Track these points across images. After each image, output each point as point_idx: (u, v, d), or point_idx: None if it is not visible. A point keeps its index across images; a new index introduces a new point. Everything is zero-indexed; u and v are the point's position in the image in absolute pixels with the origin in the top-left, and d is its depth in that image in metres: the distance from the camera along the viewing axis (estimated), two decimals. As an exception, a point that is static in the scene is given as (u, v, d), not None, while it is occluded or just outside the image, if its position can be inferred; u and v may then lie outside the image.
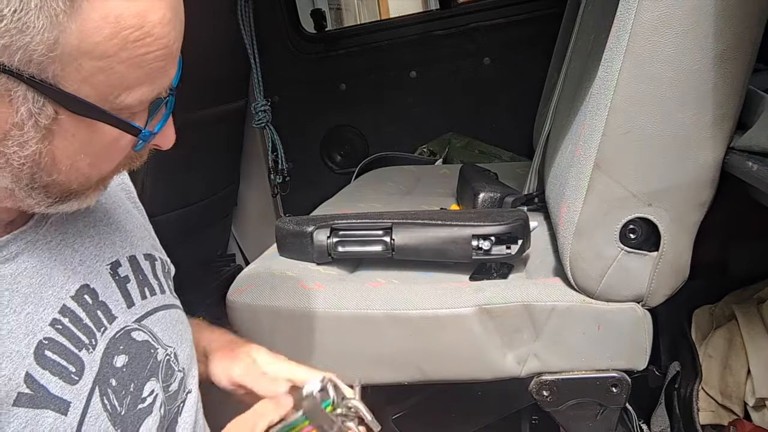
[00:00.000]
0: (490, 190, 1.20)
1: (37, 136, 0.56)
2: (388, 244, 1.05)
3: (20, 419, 0.59)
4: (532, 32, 2.08)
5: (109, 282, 0.73)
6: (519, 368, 0.96)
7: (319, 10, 2.43)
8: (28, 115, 0.55)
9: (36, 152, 0.57)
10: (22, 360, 0.61)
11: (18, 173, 0.58)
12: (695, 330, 1.31)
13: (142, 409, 0.72)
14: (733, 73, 0.80)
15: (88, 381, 0.66)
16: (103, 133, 0.60)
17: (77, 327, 0.67)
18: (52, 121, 0.56)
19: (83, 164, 0.61)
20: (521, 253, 1.02)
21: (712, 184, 0.86)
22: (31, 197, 0.61)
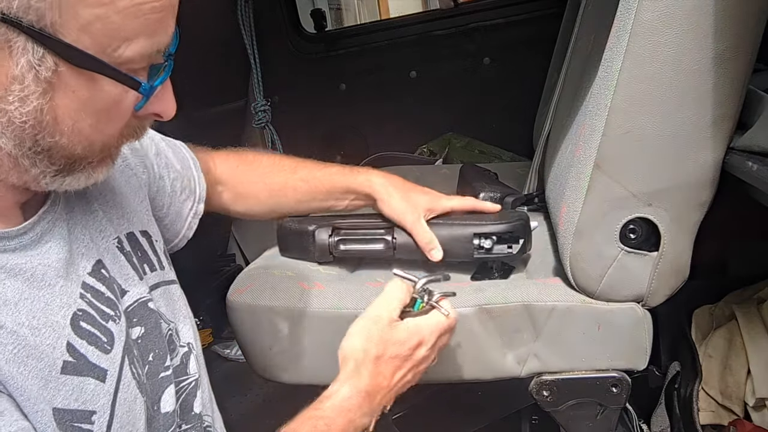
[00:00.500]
0: (490, 190, 1.20)
1: (38, 90, 0.57)
2: (389, 243, 1.05)
3: (68, 387, 0.62)
4: (532, 32, 2.08)
5: (118, 256, 0.76)
6: (519, 368, 0.97)
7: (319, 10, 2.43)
8: (29, 67, 0.56)
9: (37, 109, 0.57)
10: (61, 330, 0.64)
11: (21, 134, 0.58)
12: (695, 330, 1.31)
13: (163, 378, 0.76)
14: (733, 73, 0.80)
15: (118, 350, 0.69)
16: (104, 92, 0.60)
17: (100, 301, 0.69)
18: (53, 74, 0.57)
19: (85, 125, 0.61)
20: (523, 252, 1.01)
21: (712, 184, 0.86)
22: (35, 165, 0.61)
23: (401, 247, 1.05)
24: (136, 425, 0.69)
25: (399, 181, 1.09)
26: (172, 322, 0.82)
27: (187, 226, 1.00)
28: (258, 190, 1.11)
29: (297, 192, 1.11)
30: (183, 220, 0.99)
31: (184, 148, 1.02)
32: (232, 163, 1.11)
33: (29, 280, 0.63)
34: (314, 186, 1.11)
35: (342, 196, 1.11)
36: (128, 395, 0.68)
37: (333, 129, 2.33)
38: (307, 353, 1.00)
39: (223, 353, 1.95)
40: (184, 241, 1.01)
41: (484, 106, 2.20)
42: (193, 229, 1.01)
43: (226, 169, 1.10)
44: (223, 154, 1.12)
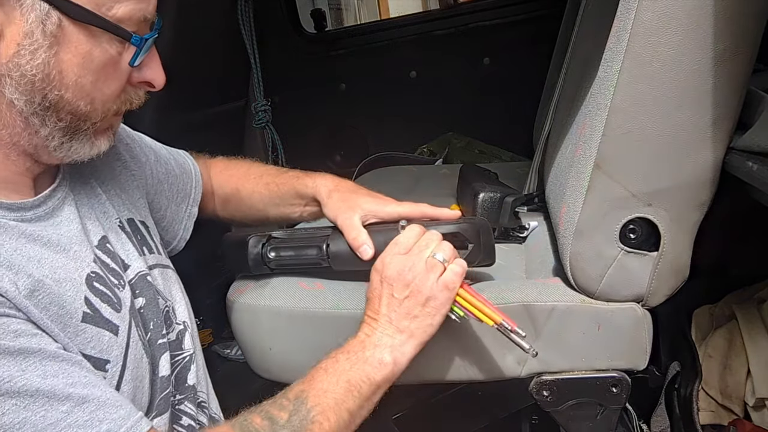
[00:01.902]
0: (490, 190, 1.19)
1: (45, 43, 0.66)
2: (322, 250, 0.97)
3: (87, 334, 0.70)
4: (532, 32, 2.08)
5: (120, 234, 0.84)
6: (519, 368, 0.97)
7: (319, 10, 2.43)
8: (37, 22, 0.65)
9: (45, 62, 0.66)
10: (79, 286, 0.72)
11: (32, 88, 0.67)
12: (695, 330, 1.31)
13: (161, 344, 0.83)
14: (733, 73, 0.80)
15: (126, 312, 0.77)
16: (102, 48, 0.69)
17: (107, 270, 0.77)
18: (57, 28, 0.66)
19: (87, 81, 0.69)
20: (473, 261, 0.92)
21: (712, 184, 0.86)
22: (44, 124, 0.70)
23: (334, 255, 0.97)
24: (143, 381, 0.77)
25: (348, 185, 1.05)
26: (169, 300, 0.89)
27: (183, 228, 1.07)
28: (235, 196, 1.13)
29: (261, 198, 1.11)
30: (179, 223, 1.06)
31: (187, 156, 1.10)
32: (221, 170, 1.15)
33: (47, 245, 0.72)
34: (273, 191, 1.10)
35: (295, 202, 1.08)
36: (137, 352, 0.76)
37: (333, 129, 2.33)
38: (307, 353, 1.00)
39: (223, 353, 1.95)
40: (182, 243, 1.07)
41: (484, 106, 2.20)
42: (189, 231, 1.08)
43: (216, 176, 1.14)
44: (217, 161, 1.16)
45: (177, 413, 0.85)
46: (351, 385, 0.79)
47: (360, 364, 0.81)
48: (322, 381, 0.79)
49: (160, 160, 1.02)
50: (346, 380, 0.79)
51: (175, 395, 0.86)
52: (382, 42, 2.27)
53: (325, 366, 0.81)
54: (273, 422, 0.73)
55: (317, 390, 0.78)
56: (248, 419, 0.74)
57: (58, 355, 0.64)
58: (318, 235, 1.00)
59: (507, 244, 1.15)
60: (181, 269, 0.98)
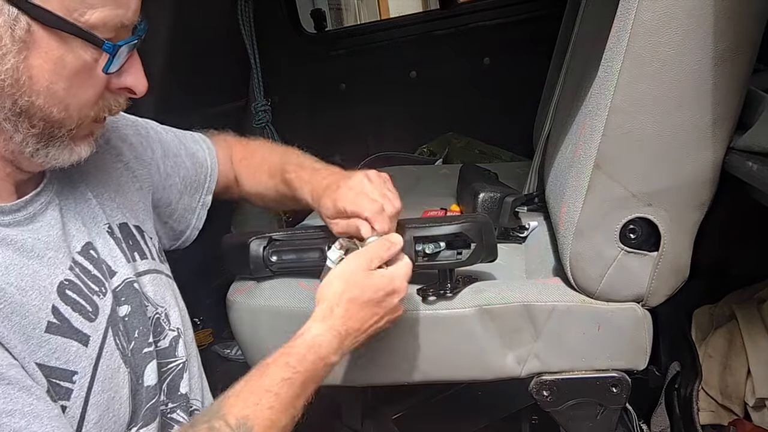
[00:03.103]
0: (490, 190, 1.19)
1: (13, 48, 0.64)
2: (324, 254, 0.94)
3: (50, 345, 0.68)
4: (532, 32, 2.08)
5: (108, 240, 0.83)
6: (519, 368, 0.97)
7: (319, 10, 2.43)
8: (5, 27, 0.63)
9: (14, 67, 0.64)
10: (48, 294, 0.70)
11: (1, 93, 0.65)
12: (695, 330, 1.31)
13: (146, 353, 0.81)
14: (733, 73, 0.80)
15: (102, 321, 0.75)
16: (74, 54, 0.67)
17: (87, 277, 0.76)
18: (26, 33, 0.64)
19: (59, 88, 0.67)
20: (476, 260, 0.92)
21: (712, 184, 0.86)
22: (17, 130, 0.68)
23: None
24: (119, 392, 0.74)
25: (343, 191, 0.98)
26: (161, 306, 0.87)
27: (197, 217, 1.07)
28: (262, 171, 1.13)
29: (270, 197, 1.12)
30: (192, 212, 1.06)
31: (202, 142, 1.09)
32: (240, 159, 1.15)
33: (20, 250, 0.70)
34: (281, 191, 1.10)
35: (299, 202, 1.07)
36: (111, 363, 0.74)
37: (333, 129, 2.33)
38: (307, 353, 1.00)
39: (223, 353, 1.94)
40: (195, 233, 1.07)
41: (484, 106, 2.20)
42: (203, 219, 1.07)
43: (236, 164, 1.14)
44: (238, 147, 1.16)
45: (168, 422, 0.83)
46: (297, 410, 0.77)
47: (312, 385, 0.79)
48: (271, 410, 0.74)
49: (168, 154, 1.00)
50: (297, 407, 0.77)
51: (167, 404, 0.84)
52: (382, 42, 2.27)
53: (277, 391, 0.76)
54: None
55: (263, 420, 0.73)
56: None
57: (4, 378, 0.62)
58: (319, 236, 1.00)
59: (507, 244, 1.15)
60: (182, 269, 0.98)
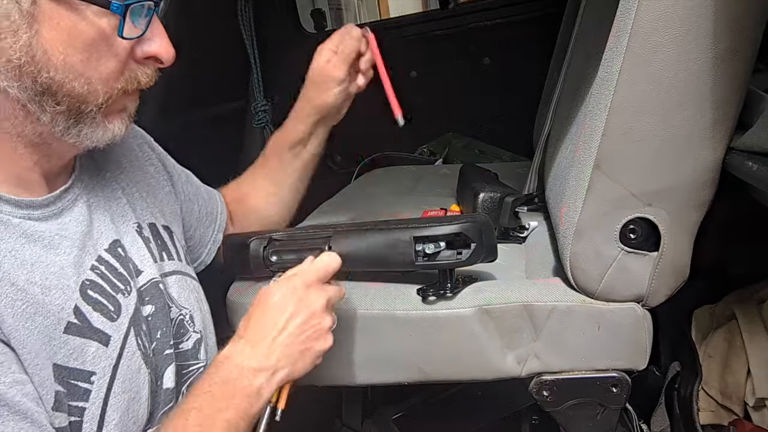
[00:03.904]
0: (490, 190, 1.19)
1: (23, 23, 0.63)
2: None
3: (69, 345, 0.67)
4: (532, 32, 2.07)
5: (136, 239, 0.82)
6: (519, 368, 0.97)
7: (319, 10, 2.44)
8: (12, 3, 0.62)
9: (27, 43, 0.63)
10: (71, 294, 0.69)
11: (20, 73, 0.64)
12: (695, 330, 1.31)
13: (167, 355, 0.80)
14: (733, 73, 0.80)
15: (124, 321, 0.74)
16: (87, 22, 0.65)
17: (113, 274, 0.75)
18: (32, 5, 0.63)
19: (76, 60, 0.66)
20: (476, 260, 0.91)
21: (712, 184, 0.86)
22: (44, 110, 0.67)
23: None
24: (140, 393, 0.74)
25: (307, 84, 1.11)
26: (185, 308, 0.86)
27: (207, 252, 1.06)
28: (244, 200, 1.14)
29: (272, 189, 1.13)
30: (204, 246, 1.05)
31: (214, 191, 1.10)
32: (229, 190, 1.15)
33: (47, 246, 0.69)
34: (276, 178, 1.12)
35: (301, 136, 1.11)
36: (132, 363, 0.73)
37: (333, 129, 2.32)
38: (307, 353, 1.00)
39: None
40: (202, 267, 1.05)
41: (484, 106, 2.20)
42: (212, 255, 1.06)
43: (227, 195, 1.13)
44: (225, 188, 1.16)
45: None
46: (229, 424, 0.71)
47: (238, 398, 0.72)
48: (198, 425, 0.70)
49: (191, 181, 1.02)
50: (225, 419, 0.70)
51: None
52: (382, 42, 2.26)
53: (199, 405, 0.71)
54: None
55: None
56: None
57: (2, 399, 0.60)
58: (319, 236, 1.00)
59: (507, 244, 1.15)
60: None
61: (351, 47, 1.08)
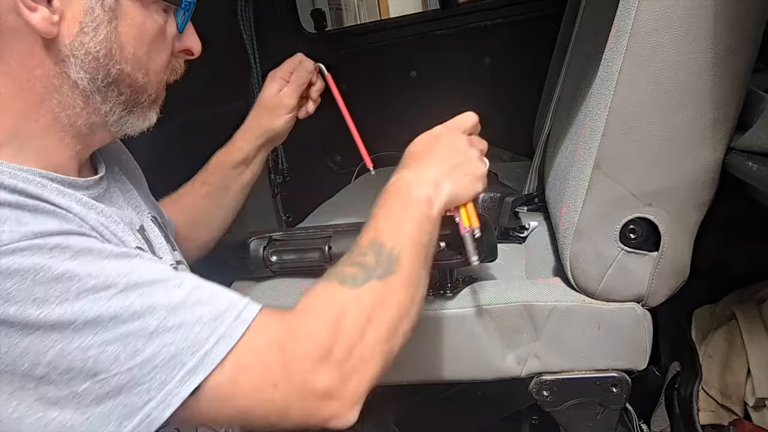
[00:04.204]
0: (490, 190, 1.19)
1: (105, 18, 0.68)
2: (325, 254, 0.98)
3: None
4: (532, 32, 2.07)
5: (153, 227, 0.86)
6: (519, 368, 0.97)
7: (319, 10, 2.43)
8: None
9: (107, 37, 0.69)
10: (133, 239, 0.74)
11: (96, 65, 0.69)
12: (695, 330, 1.31)
13: None
14: (733, 73, 0.80)
15: None
16: (153, 19, 0.73)
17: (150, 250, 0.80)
18: (115, 2, 0.69)
19: (142, 53, 0.73)
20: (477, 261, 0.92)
21: (712, 184, 0.86)
22: (106, 100, 0.72)
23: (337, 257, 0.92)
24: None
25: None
26: None
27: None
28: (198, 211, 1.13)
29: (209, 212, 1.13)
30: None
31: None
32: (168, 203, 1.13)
33: (101, 215, 0.72)
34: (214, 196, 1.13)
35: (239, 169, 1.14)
36: None
37: (333, 129, 2.32)
38: (307, 353, 1.00)
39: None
40: None
41: (484, 106, 2.19)
42: None
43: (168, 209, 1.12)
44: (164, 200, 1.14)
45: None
46: (414, 222, 0.77)
47: (413, 204, 0.79)
48: (388, 225, 0.77)
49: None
50: (409, 219, 0.77)
51: None
52: (382, 42, 2.27)
53: (384, 214, 0.79)
54: (364, 267, 0.72)
55: (387, 233, 0.75)
56: (338, 270, 0.73)
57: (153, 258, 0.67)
58: (319, 236, 1.00)
59: (507, 244, 1.15)
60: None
61: (303, 78, 1.17)
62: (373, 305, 0.69)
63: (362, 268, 0.72)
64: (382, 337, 0.69)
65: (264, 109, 1.15)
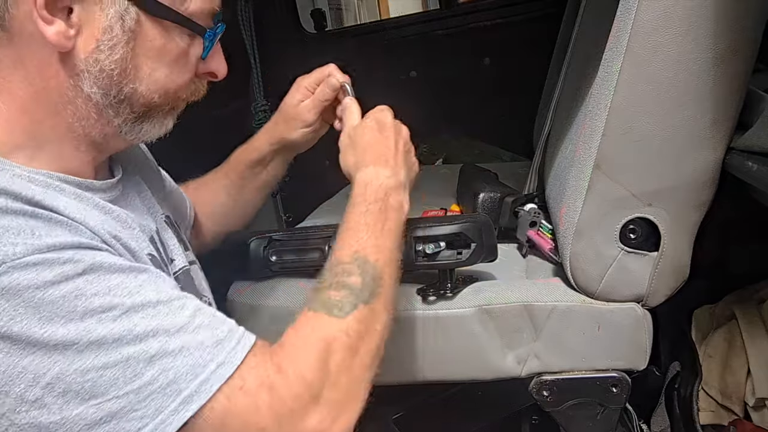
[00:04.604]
0: (490, 190, 1.19)
1: (123, 39, 0.67)
2: (325, 254, 0.96)
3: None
4: (532, 32, 2.07)
5: (167, 228, 0.86)
6: (519, 368, 0.97)
7: (319, 10, 2.43)
8: (116, 18, 0.66)
9: (123, 57, 0.68)
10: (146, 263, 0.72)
11: (109, 82, 0.69)
12: (695, 330, 1.31)
13: None
14: (733, 73, 0.80)
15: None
16: (175, 42, 0.71)
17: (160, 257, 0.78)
18: (136, 24, 0.68)
19: (161, 75, 0.72)
20: (476, 260, 0.92)
21: (712, 184, 0.86)
22: (118, 114, 0.71)
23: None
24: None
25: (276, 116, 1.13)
26: (205, 296, 0.90)
27: None
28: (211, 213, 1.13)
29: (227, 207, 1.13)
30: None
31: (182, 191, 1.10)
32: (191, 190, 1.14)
33: (117, 220, 0.72)
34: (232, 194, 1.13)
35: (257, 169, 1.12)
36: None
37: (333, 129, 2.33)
38: (307, 353, 1.00)
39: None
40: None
41: (484, 106, 2.20)
42: None
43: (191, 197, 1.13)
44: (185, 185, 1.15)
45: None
46: (392, 233, 0.80)
47: (390, 212, 0.81)
48: (370, 236, 0.78)
49: (165, 177, 1.04)
50: (388, 229, 0.80)
51: None
52: (382, 42, 2.27)
53: (365, 221, 0.80)
54: (351, 290, 0.72)
55: (370, 246, 0.77)
56: (323, 296, 0.72)
57: (161, 275, 0.66)
58: (319, 236, 1.00)
59: (507, 244, 1.15)
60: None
61: (326, 95, 1.08)
62: (359, 335, 0.70)
63: (349, 291, 0.72)
64: (367, 365, 0.71)
65: (283, 117, 1.10)
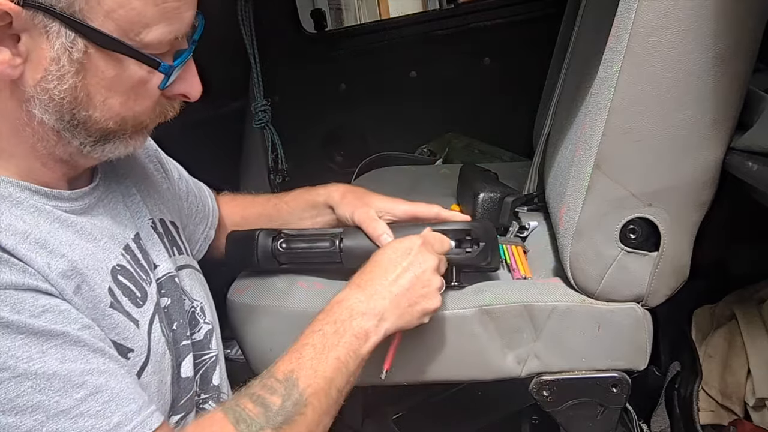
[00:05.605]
0: (490, 190, 1.19)
1: (71, 69, 0.65)
2: (336, 249, 0.98)
3: (114, 320, 0.70)
4: (532, 32, 2.07)
5: (151, 234, 0.85)
6: (519, 368, 0.97)
7: (319, 10, 2.43)
8: (63, 49, 0.64)
9: (73, 86, 0.66)
10: (105, 276, 0.72)
11: (60, 109, 0.67)
12: (695, 330, 1.31)
13: (184, 346, 0.83)
14: (733, 73, 0.80)
15: (150, 307, 0.76)
16: (129, 72, 0.68)
17: (137, 265, 0.78)
18: (83, 55, 0.65)
19: (115, 102, 0.69)
20: (483, 258, 0.94)
21: (712, 184, 0.86)
22: (75, 137, 0.70)
23: (348, 250, 0.97)
24: (166, 377, 0.76)
25: (360, 190, 1.06)
26: (196, 300, 0.89)
27: (198, 249, 1.06)
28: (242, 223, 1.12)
29: (270, 218, 1.11)
30: (195, 243, 1.05)
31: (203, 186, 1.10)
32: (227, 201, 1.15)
33: (79, 233, 0.71)
34: (282, 209, 1.11)
35: (305, 215, 1.09)
36: (159, 348, 0.75)
37: (333, 129, 2.33)
38: (307, 353, 1.00)
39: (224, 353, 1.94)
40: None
41: (484, 106, 2.20)
42: (203, 252, 1.07)
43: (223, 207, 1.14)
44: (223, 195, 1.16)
45: (201, 412, 0.86)
46: (339, 362, 0.77)
47: (347, 337, 0.78)
48: (311, 359, 0.76)
49: (183, 178, 1.03)
50: (335, 357, 0.77)
51: (200, 395, 0.86)
52: (382, 42, 2.26)
53: (312, 342, 0.78)
54: (267, 409, 0.71)
55: (307, 369, 0.75)
56: (240, 404, 0.71)
57: (80, 340, 0.64)
58: (330, 231, 1.01)
59: (507, 245, 1.15)
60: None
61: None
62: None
63: (264, 411, 0.71)
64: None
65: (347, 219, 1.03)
